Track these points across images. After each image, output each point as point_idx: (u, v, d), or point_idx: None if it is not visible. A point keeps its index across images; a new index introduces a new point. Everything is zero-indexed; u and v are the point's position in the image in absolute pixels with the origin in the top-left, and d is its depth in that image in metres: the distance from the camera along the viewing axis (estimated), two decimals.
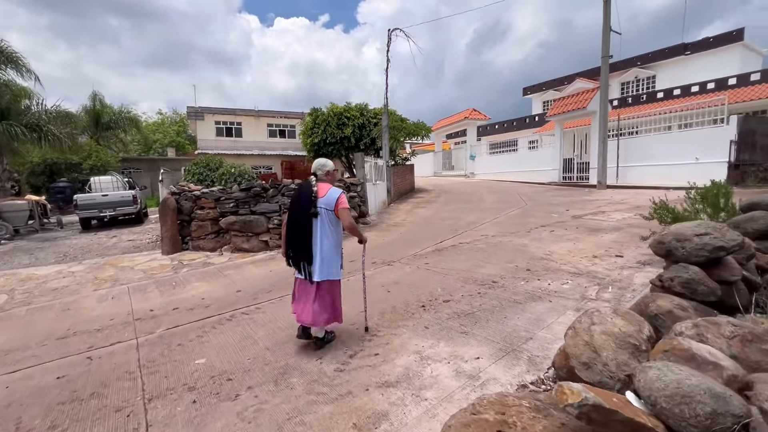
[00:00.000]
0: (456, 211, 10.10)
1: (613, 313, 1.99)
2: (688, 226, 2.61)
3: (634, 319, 1.93)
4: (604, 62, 12.41)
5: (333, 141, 15.22)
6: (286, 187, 7.47)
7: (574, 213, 8.34)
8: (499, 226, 7.77)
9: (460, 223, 8.33)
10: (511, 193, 12.98)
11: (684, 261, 2.52)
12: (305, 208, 2.87)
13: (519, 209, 9.52)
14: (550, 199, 11.03)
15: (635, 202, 9.16)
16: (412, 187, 16.01)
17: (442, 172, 26.74)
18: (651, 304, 2.14)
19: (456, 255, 5.79)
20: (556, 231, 6.74)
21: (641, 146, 12.41)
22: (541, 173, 16.98)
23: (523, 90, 31.45)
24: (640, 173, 12.37)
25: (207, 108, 24.99)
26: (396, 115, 13.98)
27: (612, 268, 4.44)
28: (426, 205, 11.72)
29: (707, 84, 19.11)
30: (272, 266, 6.17)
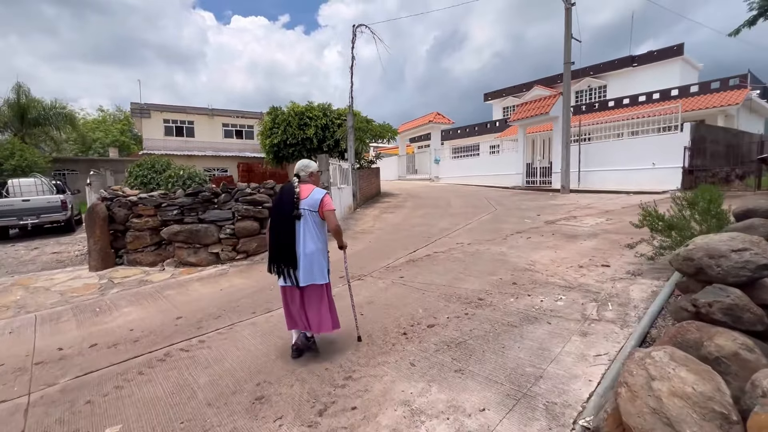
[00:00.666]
0: (426, 216, 9.67)
1: (670, 359, 1.52)
2: (721, 240, 2.24)
3: (702, 370, 1.46)
4: (566, 69, 12.61)
5: (294, 142, 14.36)
6: (240, 192, 6.63)
7: (546, 218, 8.17)
8: (473, 232, 7.40)
9: (432, 230, 7.88)
10: (478, 198, 12.81)
11: (719, 281, 2.13)
12: (287, 210, 2.76)
13: (490, 214, 9.26)
14: (518, 203, 10.92)
15: (602, 206, 9.20)
16: (378, 191, 15.48)
17: (406, 176, 26.49)
18: (707, 344, 1.69)
19: (433, 266, 5.28)
20: (533, 238, 6.45)
21: (601, 152, 12.73)
22: (505, 177, 17.12)
23: (484, 96, 32.12)
24: (601, 178, 12.67)
25: (154, 105, 23.02)
26: (361, 117, 13.40)
27: (603, 280, 4.11)
28: (394, 210, 11.21)
29: (653, 94, 20.31)
30: (223, 283, 5.33)
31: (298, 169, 2.93)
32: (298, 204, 2.76)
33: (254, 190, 6.77)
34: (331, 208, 2.82)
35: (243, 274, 5.79)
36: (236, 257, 6.43)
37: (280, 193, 2.93)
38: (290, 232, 2.75)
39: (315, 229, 2.80)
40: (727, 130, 12.68)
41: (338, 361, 2.80)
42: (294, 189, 2.81)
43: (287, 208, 2.77)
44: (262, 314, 4.01)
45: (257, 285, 5.13)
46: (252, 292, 4.80)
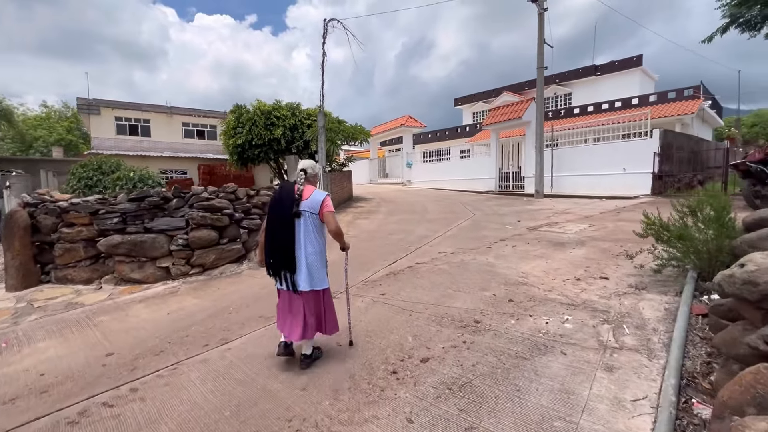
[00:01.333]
0: (402, 222, 9.16)
1: None
2: None
3: None
4: (539, 74, 12.59)
5: (260, 143, 13.43)
6: (196, 197, 5.80)
7: (527, 224, 7.88)
8: (454, 240, 6.95)
9: (411, 238, 7.36)
10: (454, 202, 12.48)
11: None
12: (287, 209, 2.66)
13: (468, 220, 8.89)
14: (495, 208, 10.66)
15: (580, 212, 9.08)
16: (351, 196, 14.84)
17: (378, 180, 26.01)
18: None
19: (416, 280, 4.74)
20: (519, 246, 6.08)
21: (573, 157, 12.81)
22: (478, 182, 17.01)
23: (454, 101, 32.34)
24: (573, 182, 12.73)
25: (104, 101, 21.15)
26: (333, 117, 12.74)
27: (606, 296, 3.73)
28: (368, 215, 10.61)
29: (615, 102, 21.05)
30: (172, 305, 4.51)
31: (306, 165, 2.84)
32: (299, 203, 2.66)
33: (212, 194, 5.97)
34: (332, 209, 2.74)
35: (197, 292, 4.98)
36: (190, 272, 5.60)
37: (279, 191, 2.82)
38: (289, 234, 2.65)
39: (314, 231, 2.71)
40: (689, 137, 13.15)
41: (313, 418, 2.17)
42: (293, 188, 2.72)
43: (287, 207, 2.66)
44: (216, 347, 3.29)
45: (214, 306, 4.37)
46: (206, 317, 4.04)
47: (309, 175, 2.84)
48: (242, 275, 5.69)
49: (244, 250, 6.23)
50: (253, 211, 6.46)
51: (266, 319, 3.85)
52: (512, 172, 16.09)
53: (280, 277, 2.73)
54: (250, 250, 6.34)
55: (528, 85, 25.54)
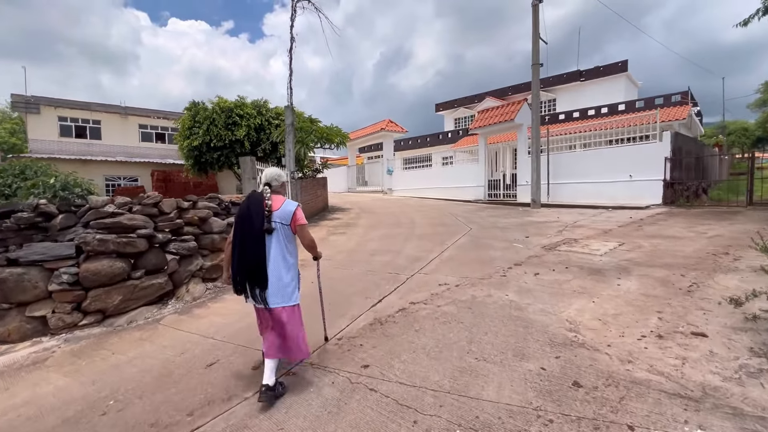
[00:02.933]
0: (387, 239, 7.59)
1: None
2: None
3: None
4: (534, 71, 11.45)
5: (220, 145, 11.65)
6: (95, 211, 4.04)
7: (539, 241, 6.50)
8: (455, 264, 5.44)
9: (399, 260, 5.81)
10: (443, 213, 11.05)
11: None
12: (257, 223, 2.46)
13: (466, 236, 7.43)
14: (491, 221, 9.27)
15: (592, 224, 7.80)
16: (326, 206, 13.18)
17: (356, 188, 24.41)
18: None
19: (415, 336, 3.18)
20: (543, 274, 4.64)
21: (572, 163, 11.68)
22: (465, 190, 15.72)
23: (436, 106, 31.34)
24: (572, 191, 11.59)
25: (45, 98, 18.69)
26: (304, 116, 11.10)
27: (730, 374, 2.29)
28: (345, 229, 8.99)
29: (601, 108, 20.44)
30: (26, 390, 2.76)
31: (270, 178, 2.66)
32: (270, 216, 2.48)
33: (123, 207, 4.23)
34: (305, 221, 2.62)
35: (77, 361, 3.22)
36: (81, 322, 3.82)
37: (246, 202, 2.57)
38: (259, 249, 2.46)
39: (286, 243, 2.56)
40: (696, 141, 12.31)
41: None
42: (264, 199, 2.52)
43: (257, 222, 2.46)
44: None
45: (88, 394, 2.66)
46: (61, 422, 2.33)
47: (274, 188, 2.65)
48: (161, 325, 3.95)
49: (171, 284, 4.49)
50: (185, 230, 4.73)
51: (167, 427, 2.19)
52: (502, 180, 14.90)
53: (249, 295, 2.51)
54: (181, 284, 4.61)
55: (512, 90, 24.79)
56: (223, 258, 2.79)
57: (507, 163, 17.31)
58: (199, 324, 3.89)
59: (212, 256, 5.03)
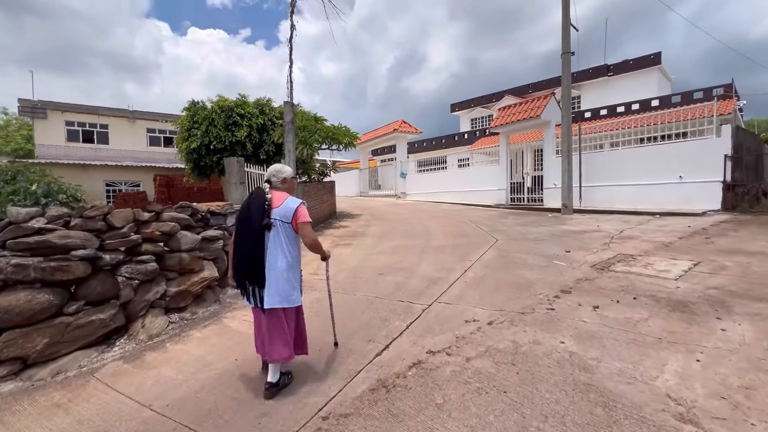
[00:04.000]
0: (399, 252, 6.52)
1: None
2: None
3: None
4: (565, 60, 10.23)
5: (220, 147, 10.81)
6: (15, 228, 3.10)
7: (584, 257, 5.32)
8: (483, 289, 4.33)
9: (413, 282, 4.73)
10: (462, 220, 9.91)
11: None
12: (257, 219, 2.42)
13: (493, 249, 6.29)
14: (519, 229, 8.09)
15: (644, 235, 6.55)
16: (333, 212, 12.20)
17: (368, 192, 23.44)
18: None
19: (438, 421, 2.10)
20: (604, 308, 3.49)
21: (608, 163, 10.37)
22: (485, 194, 14.53)
23: (451, 106, 30.15)
24: (608, 194, 10.28)
25: (52, 103, 18.41)
26: (308, 114, 10.16)
27: None
28: (352, 240, 7.97)
29: (632, 105, 18.95)
30: None
31: (269, 174, 2.64)
32: (269, 212, 2.44)
33: (55, 221, 3.29)
34: (307, 219, 2.51)
35: None
36: None
37: (248, 199, 2.58)
38: (258, 246, 2.42)
39: (287, 242, 2.48)
40: (755, 137, 10.83)
41: None
42: (265, 195, 2.48)
43: (256, 217, 2.42)
44: None
45: None
46: None
47: (274, 184, 2.60)
48: (95, 378, 2.97)
49: (123, 318, 3.53)
50: (144, 248, 3.77)
51: None
52: (522, 182, 13.65)
53: (247, 293, 2.50)
54: (136, 317, 3.64)
55: (532, 88, 23.43)
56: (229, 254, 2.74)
57: (528, 165, 16.05)
58: (144, 379, 2.89)
59: (180, 279, 4.06)
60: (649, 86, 19.69)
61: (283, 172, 2.64)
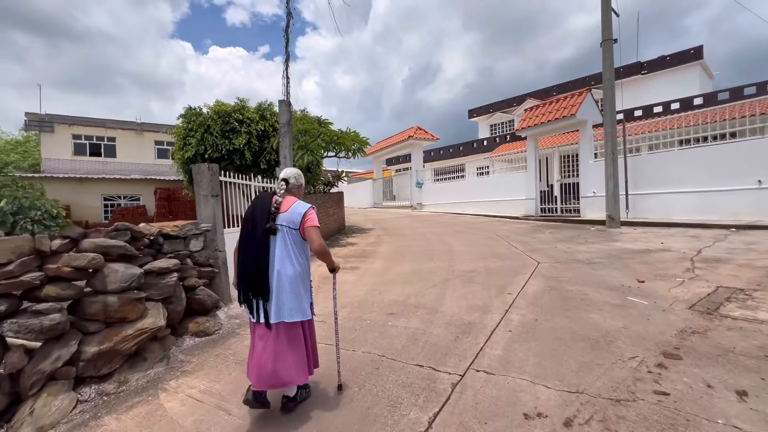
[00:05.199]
0: (415, 279, 5.21)
1: None
2: None
3: None
4: (605, 48, 8.84)
5: (217, 156, 9.83)
6: None
7: (668, 290, 3.89)
8: (539, 345, 2.97)
9: (435, 331, 3.41)
10: (489, 236, 8.53)
11: None
12: (261, 223, 2.23)
13: (536, 277, 4.91)
14: (562, 248, 6.66)
15: (737, 256, 5.04)
16: (342, 226, 11.00)
17: (382, 203, 22.23)
18: None
19: None
20: (757, 395, 2.09)
21: (662, 166, 8.83)
22: (510, 204, 13.08)
23: (469, 113, 28.84)
24: (662, 203, 8.72)
25: (59, 116, 18.07)
26: (309, 117, 9.06)
27: None
28: (359, 262, 6.71)
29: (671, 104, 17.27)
30: None
31: (290, 175, 2.45)
32: (275, 216, 2.24)
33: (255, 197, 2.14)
34: (315, 224, 2.28)
35: None
36: None
37: (253, 203, 2.38)
38: (262, 252, 2.21)
39: (294, 249, 2.26)
40: None
41: None
42: (272, 198, 2.30)
43: (260, 221, 2.24)
44: None
45: None
46: None
47: (291, 186, 2.44)
48: None
49: (4, 398, 2.35)
50: (45, 292, 2.61)
51: None
52: (549, 191, 12.15)
53: (251, 306, 2.23)
54: (26, 396, 2.45)
55: (557, 90, 21.91)
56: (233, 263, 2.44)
57: (555, 172, 14.54)
58: None
59: (106, 333, 2.87)
60: (689, 83, 17.92)
61: (301, 178, 2.53)
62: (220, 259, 4.31)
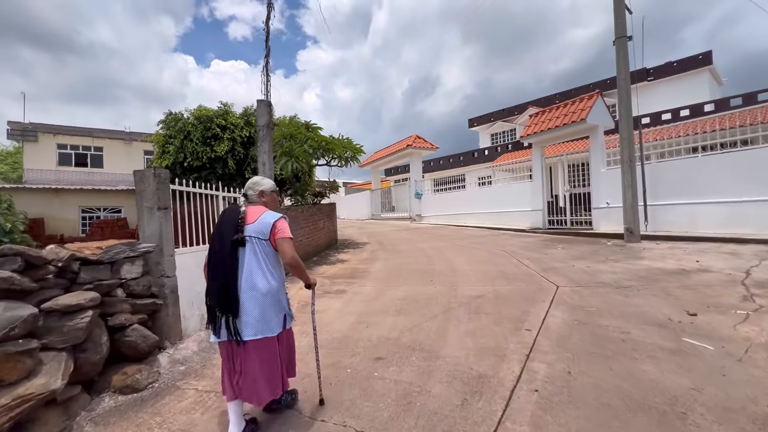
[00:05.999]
0: (410, 308, 4.34)
1: None
2: None
3: None
4: (619, 46, 8.14)
5: (198, 165, 9.06)
6: None
7: (734, 327, 3.03)
8: (581, 420, 2.10)
9: (434, 390, 2.53)
10: (493, 251, 7.67)
11: None
12: (228, 235, 2.10)
13: (556, 304, 4.05)
14: (581, 267, 5.81)
15: None
16: (333, 240, 10.14)
17: (381, 215, 21.42)
18: None
19: None
20: None
21: (684, 173, 8.03)
22: (515, 216, 12.26)
23: (469, 122, 28.22)
24: (687, 215, 7.88)
25: (44, 125, 17.41)
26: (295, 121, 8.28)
27: None
28: (348, 285, 5.84)
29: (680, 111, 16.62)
30: None
31: (246, 188, 2.37)
32: (242, 228, 2.11)
33: None
34: (287, 235, 2.13)
35: None
36: None
37: (221, 216, 2.28)
38: (230, 266, 2.05)
39: (266, 262, 2.12)
40: None
41: None
42: (239, 210, 2.19)
43: (227, 233, 2.10)
44: None
45: None
46: None
47: (250, 198, 2.32)
48: None
49: None
50: None
51: None
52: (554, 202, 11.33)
53: (216, 323, 2.05)
54: None
55: (560, 97, 21.28)
56: None
57: (559, 182, 13.76)
58: None
59: None
60: (698, 90, 17.27)
61: (261, 185, 2.36)
62: (167, 287, 3.46)
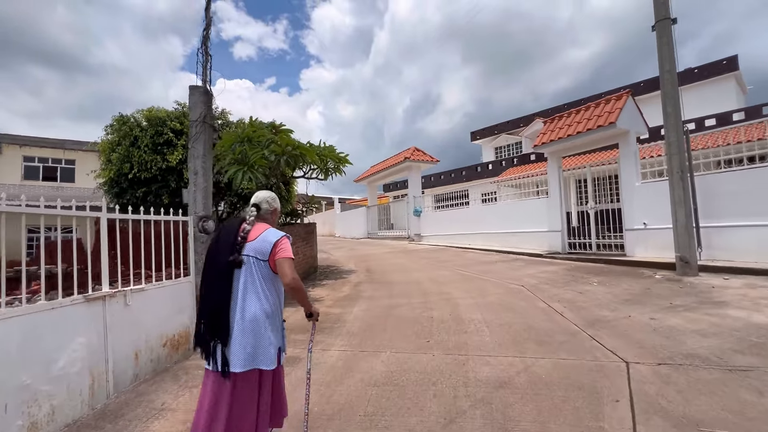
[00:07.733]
0: (388, 410, 2.62)
1: None
2: None
3: None
4: (661, 30, 6.63)
5: (147, 176, 7.46)
6: None
7: None
8: None
9: None
10: (512, 289, 5.95)
11: None
12: (224, 254, 1.87)
13: (640, 409, 2.32)
14: (640, 318, 4.08)
15: None
16: (312, 269, 8.44)
17: (378, 233, 19.73)
18: None
19: None
20: None
21: (749, 187, 6.37)
22: (529, 237, 10.58)
23: (471, 135, 26.81)
24: (756, 240, 6.18)
25: (9, 136, 15.99)
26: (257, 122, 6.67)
27: None
28: (301, 349, 4.11)
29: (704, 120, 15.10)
30: None
31: (261, 199, 2.07)
32: (241, 247, 1.89)
33: None
34: (288, 255, 1.87)
35: None
36: None
37: (218, 231, 2.05)
38: (224, 288, 1.85)
39: (263, 284, 1.89)
40: None
41: None
42: (240, 226, 1.96)
43: (224, 253, 1.88)
44: None
45: None
46: None
47: (264, 212, 2.06)
48: None
49: None
50: None
51: None
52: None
53: (206, 350, 1.83)
54: None
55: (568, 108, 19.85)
56: None
57: (572, 199, 12.14)
58: None
59: None
60: (723, 97, 15.80)
61: (275, 203, 2.14)
62: None
